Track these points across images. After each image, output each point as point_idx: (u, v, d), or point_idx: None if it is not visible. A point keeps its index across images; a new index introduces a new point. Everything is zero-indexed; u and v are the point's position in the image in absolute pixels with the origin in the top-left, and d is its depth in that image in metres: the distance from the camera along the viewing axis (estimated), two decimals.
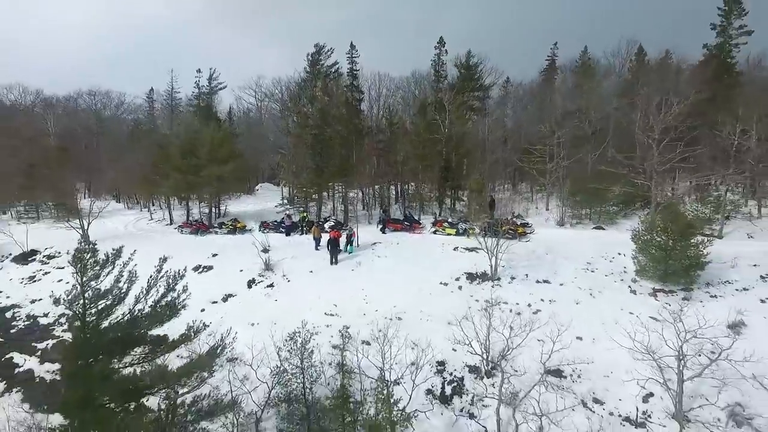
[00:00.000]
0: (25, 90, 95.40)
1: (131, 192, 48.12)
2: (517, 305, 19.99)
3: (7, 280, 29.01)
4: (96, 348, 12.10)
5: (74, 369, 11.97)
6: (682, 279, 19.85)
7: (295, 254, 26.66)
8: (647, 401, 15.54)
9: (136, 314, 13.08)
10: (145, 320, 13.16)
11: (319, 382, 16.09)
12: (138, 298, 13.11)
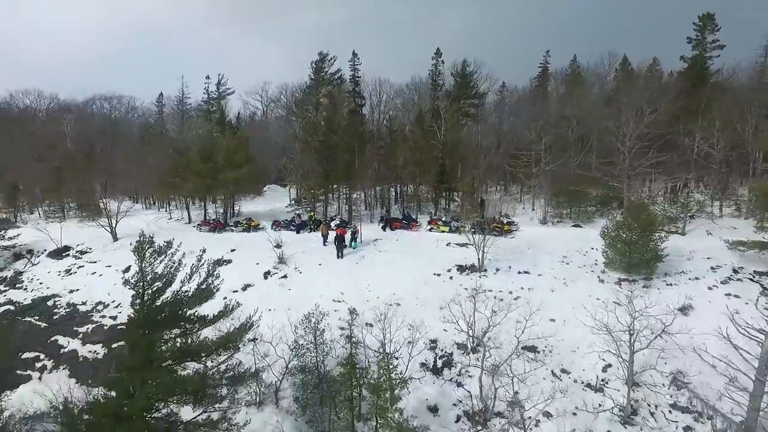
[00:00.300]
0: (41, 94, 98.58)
1: (149, 193, 50.61)
2: (500, 292, 22.70)
3: (45, 273, 31.75)
4: (152, 321, 14.80)
5: (137, 338, 14.66)
6: (644, 270, 22.55)
7: (305, 249, 29.39)
8: (605, 371, 18.27)
9: (180, 295, 15.79)
10: (188, 300, 15.85)
11: (329, 356, 18.82)
12: (183, 281, 15.82)
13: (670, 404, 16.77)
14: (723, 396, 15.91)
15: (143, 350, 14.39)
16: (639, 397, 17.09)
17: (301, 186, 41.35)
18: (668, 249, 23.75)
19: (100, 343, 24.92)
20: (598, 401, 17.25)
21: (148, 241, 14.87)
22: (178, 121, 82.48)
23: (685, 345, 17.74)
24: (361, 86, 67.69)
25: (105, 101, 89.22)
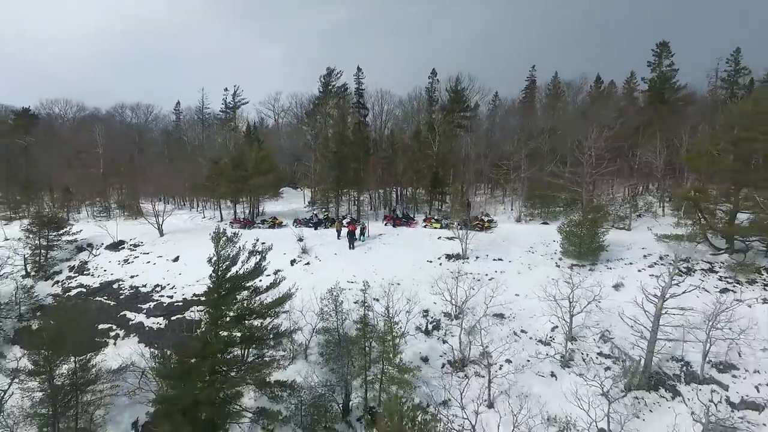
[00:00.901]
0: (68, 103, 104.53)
1: (182, 195, 55.81)
2: (478, 275, 28.20)
3: (107, 262, 37.29)
4: (223, 289, 20.30)
5: (213, 300, 20.15)
6: (590, 257, 28.07)
7: (323, 242, 34.89)
8: (553, 330, 23.76)
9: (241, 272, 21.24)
10: (247, 275, 21.31)
11: (347, 320, 24.23)
12: (243, 261, 21.27)
13: (597, 352, 22.30)
14: (634, 346, 21.50)
15: (217, 309, 19.96)
16: (575, 348, 22.63)
17: (315, 189, 46.91)
18: (613, 241, 29.33)
19: (161, 316, 30.45)
20: (545, 351, 22.79)
21: (222, 233, 20.40)
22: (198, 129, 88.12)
23: (612, 311, 23.34)
24: (365, 98, 73.41)
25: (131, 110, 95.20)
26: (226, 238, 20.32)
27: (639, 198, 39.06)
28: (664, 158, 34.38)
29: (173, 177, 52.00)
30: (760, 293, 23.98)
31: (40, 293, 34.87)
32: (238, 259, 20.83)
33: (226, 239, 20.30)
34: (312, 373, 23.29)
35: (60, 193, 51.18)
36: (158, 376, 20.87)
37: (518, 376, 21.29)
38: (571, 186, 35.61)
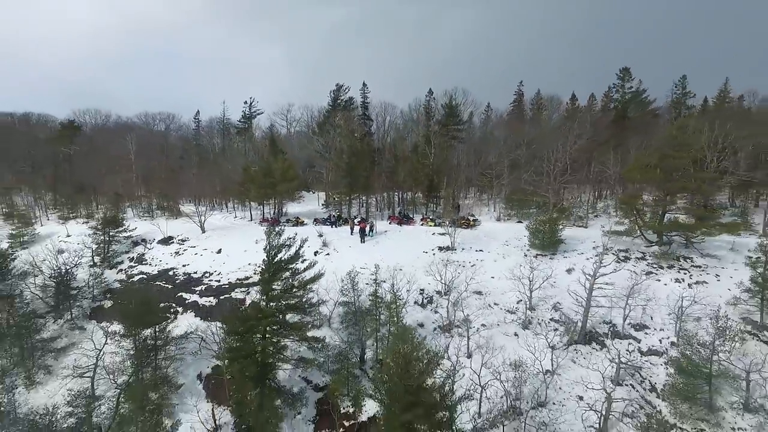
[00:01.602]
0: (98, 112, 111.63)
1: (215, 198, 62.05)
2: (463, 262, 34.76)
3: (161, 254, 43.89)
4: (272, 270, 26.89)
5: (266, 279, 26.74)
6: (551, 249, 34.65)
7: (339, 237, 41.48)
8: (518, 303, 30.35)
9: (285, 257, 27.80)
10: (290, 259, 27.87)
11: (361, 296, 30.74)
12: (287, 249, 27.84)
13: (549, 318, 28.92)
14: (576, 313, 28.07)
15: (268, 285, 26.59)
16: (533, 315, 29.25)
17: (330, 194, 53.46)
18: (571, 236, 35.95)
19: (211, 296, 37.05)
20: (511, 318, 29.42)
21: (272, 228, 27.02)
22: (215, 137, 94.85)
23: (563, 288, 29.94)
24: (369, 110, 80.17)
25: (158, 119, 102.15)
26: (275, 232, 26.97)
27: (600, 201, 45.63)
28: (617, 169, 40.97)
29: (206, 182, 58.61)
30: (675, 275, 30.62)
31: (107, 279, 41.46)
32: (282, 249, 27.49)
33: (275, 233, 26.95)
34: (334, 335, 29.90)
35: (111, 196, 57.72)
36: (227, 333, 27.40)
37: (490, 335, 27.91)
38: (540, 192, 42.18)
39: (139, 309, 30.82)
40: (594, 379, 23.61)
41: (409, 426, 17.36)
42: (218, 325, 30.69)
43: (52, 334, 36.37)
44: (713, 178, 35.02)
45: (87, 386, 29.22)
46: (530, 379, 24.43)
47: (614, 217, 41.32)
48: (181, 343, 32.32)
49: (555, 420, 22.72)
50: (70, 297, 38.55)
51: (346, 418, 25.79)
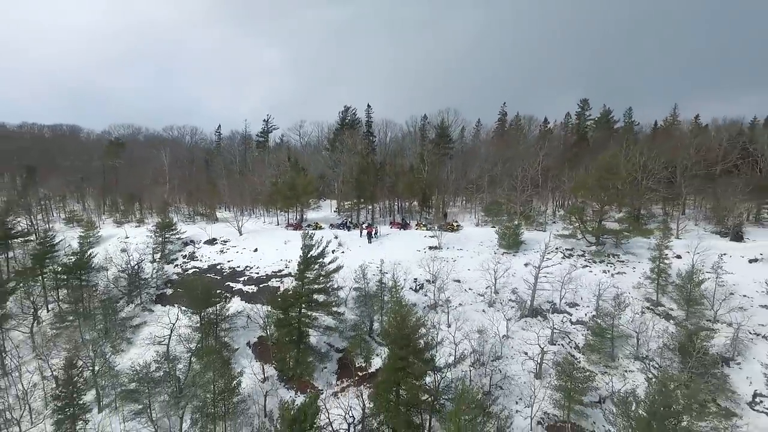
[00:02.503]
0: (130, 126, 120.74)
1: (245, 205, 70.64)
2: (447, 258, 43.53)
3: (208, 252, 52.57)
4: (306, 263, 35.67)
5: (301, 270, 35.50)
6: (514, 248, 43.43)
7: (351, 239, 50.21)
8: (486, 288, 39.14)
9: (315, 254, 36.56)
10: (318, 256, 36.62)
11: (369, 284, 39.46)
12: (316, 248, 36.59)
13: (508, 299, 37.70)
14: (528, 295, 36.82)
15: (303, 273, 35.39)
16: (497, 297, 38.04)
17: (341, 202, 62.31)
18: (532, 238, 44.70)
19: (253, 284, 45.80)
20: (480, 299, 38.23)
21: (307, 232, 35.83)
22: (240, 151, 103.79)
23: (519, 277, 38.72)
24: (372, 127, 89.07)
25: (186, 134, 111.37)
26: (308, 236, 35.81)
27: (559, 210, 54.38)
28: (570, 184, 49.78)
29: (237, 192, 67.51)
30: (603, 268, 39.48)
31: (167, 272, 50.17)
32: (313, 246, 36.29)
33: (308, 237, 35.78)
34: (350, 312, 38.65)
35: (160, 204, 66.59)
36: (272, 309, 36.16)
37: (464, 311, 36.71)
38: (511, 203, 50.99)
39: (203, 294, 39.64)
40: (535, 341, 32.40)
41: (405, 361, 26.02)
42: (260, 307, 39.63)
43: (128, 315, 44.99)
44: (635, 193, 43.85)
45: (164, 351, 37.96)
46: (491, 340, 33.24)
47: (569, 222, 50.05)
48: (233, 319, 41.07)
49: (506, 367, 31.52)
50: (140, 286, 47.29)
51: (359, 370, 34.58)
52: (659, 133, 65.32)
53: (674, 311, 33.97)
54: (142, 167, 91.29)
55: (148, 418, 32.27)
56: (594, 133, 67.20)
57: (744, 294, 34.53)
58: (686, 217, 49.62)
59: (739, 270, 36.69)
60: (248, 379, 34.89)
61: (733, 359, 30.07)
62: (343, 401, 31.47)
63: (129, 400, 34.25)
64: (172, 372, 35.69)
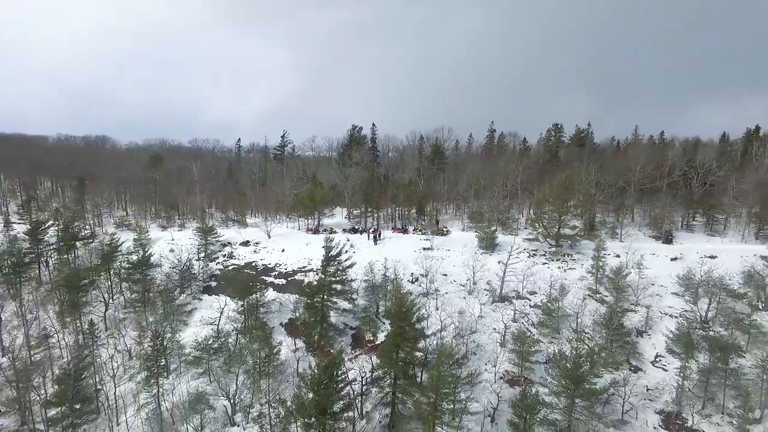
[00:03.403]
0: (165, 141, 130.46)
1: (269, 212, 79.98)
2: (437, 257, 52.66)
3: (243, 252, 61.86)
4: (327, 261, 44.86)
5: (323, 266, 44.68)
6: (490, 249, 52.55)
7: (360, 241, 59.39)
8: (467, 281, 48.27)
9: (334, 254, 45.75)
10: (337, 254, 45.79)
11: (376, 276, 48.59)
12: (335, 249, 45.79)
13: (483, 288, 46.85)
14: (499, 285, 45.95)
15: (325, 268, 44.61)
16: (475, 287, 47.16)
17: (350, 210, 71.59)
18: (505, 241, 53.82)
19: (282, 278, 55.02)
20: (462, 289, 47.36)
21: (328, 236, 45.08)
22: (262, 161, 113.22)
23: (493, 272, 47.83)
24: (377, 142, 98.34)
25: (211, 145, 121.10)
26: (329, 239, 45.08)
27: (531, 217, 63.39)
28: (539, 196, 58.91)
29: (263, 202, 77.00)
30: (559, 265, 48.56)
31: (211, 268, 59.45)
32: (333, 248, 45.49)
33: (329, 240, 45.04)
34: (361, 299, 47.79)
35: (200, 211, 76.13)
36: (301, 296, 45.41)
37: (449, 298, 45.87)
38: (491, 211, 60.12)
39: (244, 285, 48.88)
40: (501, 320, 41.48)
41: (402, 329, 35.07)
42: (289, 295, 48.95)
43: (181, 302, 54.24)
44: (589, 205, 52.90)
45: (216, 329, 47.23)
46: (468, 319, 42.39)
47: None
48: (268, 305, 50.24)
49: (479, 338, 40.66)
50: (190, 279, 56.57)
51: (368, 342, 43.78)
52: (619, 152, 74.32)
53: (607, 297, 43.03)
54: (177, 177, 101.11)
55: (209, 378, 41.52)
56: (565, 149, 76.26)
57: (661, 284, 43.60)
58: (634, 224, 58.60)
59: (662, 266, 45.80)
60: (283, 350, 44.11)
61: (645, 331, 39.14)
62: (356, 364, 40.72)
63: (193, 365, 43.34)
64: (225, 344, 45.08)
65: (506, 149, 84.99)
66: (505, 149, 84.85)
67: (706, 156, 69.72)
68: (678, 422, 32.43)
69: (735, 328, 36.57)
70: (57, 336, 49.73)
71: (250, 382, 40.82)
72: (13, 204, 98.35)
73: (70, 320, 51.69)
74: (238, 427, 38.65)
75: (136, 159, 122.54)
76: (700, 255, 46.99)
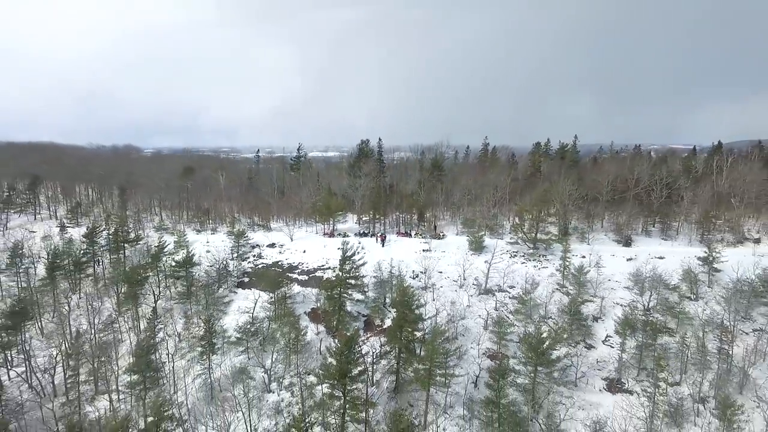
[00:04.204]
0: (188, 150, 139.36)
1: (290, 217, 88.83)
2: (434, 257, 61.13)
3: (271, 253, 70.61)
4: (344, 260, 53.48)
5: (341, 264, 53.26)
6: (478, 250, 61.00)
7: (370, 243, 68.01)
8: (459, 276, 56.75)
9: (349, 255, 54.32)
10: (352, 254, 54.33)
11: (383, 274, 57.09)
12: (350, 251, 54.36)
13: (472, 284, 55.33)
14: (484, 280, 54.41)
15: (342, 268, 53.24)
16: (465, 282, 55.63)
17: (360, 217, 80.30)
18: (490, 243, 62.28)
19: (305, 274, 63.70)
20: (454, 283, 55.84)
21: (344, 240, 53.71)
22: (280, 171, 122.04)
23: (480, 270, 56.29)
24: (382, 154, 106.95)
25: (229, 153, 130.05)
26: (345, 242, 53.73)
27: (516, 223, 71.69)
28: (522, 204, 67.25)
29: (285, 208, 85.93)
30: (534, 263, 56.95)
31: (243, 267, 68.21)
32: (349, 249, 54.10)
33: (345, 243, 53.68)
34: (371, 291, 56.36)
35: (224, 215, 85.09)
36: (321, 288, 54.05)
37: (443, 291, 54.37)
38: (481, 218, 68.50)
39: (273, 280, 57.59)
40: (486, 308, 49.86)
41: (404, 314, 43.52)
42: (311, 289, 57.62)
43: (220, 295, 62.99)
44: (563, 214, 61.20)
45: (251, 316, 55.88)
46: (458, 307, 50.83)
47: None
48: (294, 297, 58.90)
49: (467, 323, 49.10)
50: (226, 275, 65.34)
51: (378, 326, 52.36)
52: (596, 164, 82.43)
53: (571, 290, 51.35)
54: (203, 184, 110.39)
55: (247, 355, 50.08)
56: (548, 163, 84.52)
57: (616, 280, 51.92)
58: (602, 229, 66.81)
59: (618, 265, 54.11)
60: (308, 333, 52.75)
61: (599, 317, 47.50)
62: (368, 344, 49.27)
63: (235, 345, 51.96)
64: (260, 328, 53.75)
65: (497, 162, 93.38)
66: (497, 162, 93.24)
67: (674, 167, 77.61)
68: (618, 386, 40.77)
69: (668, 314, 44.80)
70: (119, 321, 58.47)
71: (282, 358, 49.31)
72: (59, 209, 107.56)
73: (125, 309, 60.34)
74: (274, 393, 47.22)
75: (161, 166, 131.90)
76: (651, 256, 55.24)
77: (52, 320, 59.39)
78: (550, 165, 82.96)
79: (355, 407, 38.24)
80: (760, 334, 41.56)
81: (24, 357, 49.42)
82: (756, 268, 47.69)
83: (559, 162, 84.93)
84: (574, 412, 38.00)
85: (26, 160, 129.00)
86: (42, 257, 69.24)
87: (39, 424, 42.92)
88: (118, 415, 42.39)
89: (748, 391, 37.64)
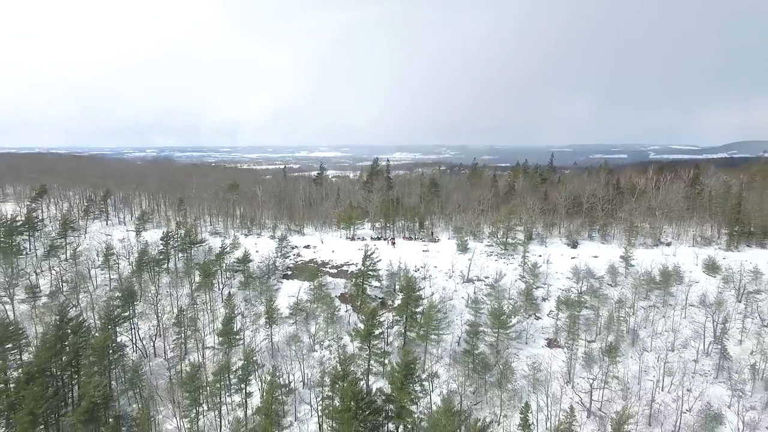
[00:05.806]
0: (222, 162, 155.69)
1: (319, 225, 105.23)
2: (431, 256, 77.34)
3: (306, 253, 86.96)
4: (366, 258, 69.78)
5: (364, 260, 69.54)
6: (464, 251, 77.14)
7: (383, 246, 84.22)
8: (449, 269, 72.94)
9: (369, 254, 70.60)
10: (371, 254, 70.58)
11: (393, 268, 73.21)
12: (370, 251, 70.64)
13: (459, 275, 71.53)
14: (466, 273, 70.64)
15: (364, 263, 69.57)
16: (454, 273, 71.85)
17: (374, 224, 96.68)
18: (473, 246, 78.41)
19: (335, 269, 79.99)
20: (445, 275, 72.13)
21: (366, 244, 70.05)
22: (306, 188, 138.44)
23: (464, 265, 72.50)
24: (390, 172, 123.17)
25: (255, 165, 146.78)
26: (367, 245, 70.05)
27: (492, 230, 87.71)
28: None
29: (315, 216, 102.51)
30: (506, 261, 73.11)
31: (285, 263, 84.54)
32: (368, 251, 70.40)
33: (367, 246, 70.00)
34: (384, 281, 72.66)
35: (272, 222, 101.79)
36: (348, 279, 70.38)
37: (439, 282, 70.62)
38: (468, 224, 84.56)
39: (312, 273, 74.03)
40: (467, 292, 65.91)
41: (408, 296, 59.60)
42: (339, 280, 74.05)
43: (271, 284, 79.36)
44: (526, 223, 77.14)
45: (298, 299, 72.30)
46: (447, 292, 67.00)
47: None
48: (327, 285, 75.21)
49: (453, 303, 65.28)
50: (274, 270, 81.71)
51: (390, 305, 68.66)
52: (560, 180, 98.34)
53: (529, 279, 67.42)
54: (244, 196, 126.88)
55: (296, 327, 66.29)
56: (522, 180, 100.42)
57: (561, 273, 67.98)
58: (560, 234, 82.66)
59: (564, 262, 70.11)
60: (340, 311, 69.07)
61: (546, 298, 63.63)
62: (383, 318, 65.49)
63: (287, 319, 68.26)
64: (304, 307, 70.11)
65: (482, 179, 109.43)
66: (481, 178, 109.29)
67: (626, 180, 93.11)
68: (555, 344, 56.83)
69: (594, 296, 60.81)
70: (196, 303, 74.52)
71: (322, 328, 65.53)
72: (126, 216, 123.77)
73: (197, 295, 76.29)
74: (317, 351, 63.49)
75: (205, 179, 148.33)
76: (589, 255, 71.19)
77: (142, 302, 74.17)
78: (523, 183, 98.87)
79: (376, 356, 54.56)
80: (651, 309, 57.52)
81: (132, 327, 65.00)
82: (657, 264, 63.62)
83: (531, 180, 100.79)
84: (523, 359, 54.13)
85: (86, 169, 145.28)
86: (132, 255, 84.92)
87: (149, 376, 58.42)
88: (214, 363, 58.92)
89: (637, 345, 53.68)
